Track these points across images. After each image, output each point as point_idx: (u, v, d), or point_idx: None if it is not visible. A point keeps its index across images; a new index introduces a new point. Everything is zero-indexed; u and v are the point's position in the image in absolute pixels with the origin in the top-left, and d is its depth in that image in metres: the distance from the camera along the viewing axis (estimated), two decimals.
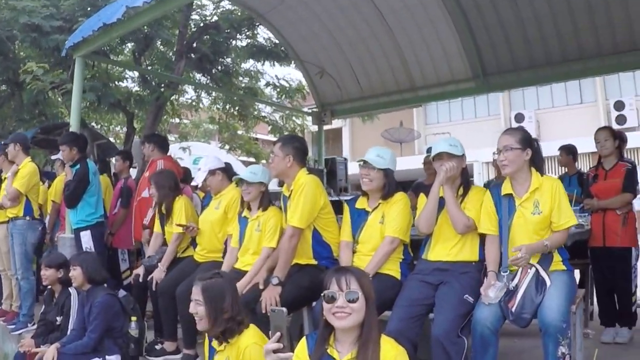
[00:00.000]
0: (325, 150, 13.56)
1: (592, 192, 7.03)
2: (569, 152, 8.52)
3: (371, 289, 3.35)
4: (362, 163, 5.30)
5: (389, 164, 5.26)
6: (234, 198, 6.64)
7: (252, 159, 17.43)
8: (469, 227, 4.84)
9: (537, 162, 4.75)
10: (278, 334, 3.55)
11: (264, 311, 4.99)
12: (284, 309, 3.61)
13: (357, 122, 19.41)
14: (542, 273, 4.42)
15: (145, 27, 11.14)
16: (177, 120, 17.39)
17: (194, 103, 15.90)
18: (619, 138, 7.05)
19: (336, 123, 27.50)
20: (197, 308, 4.09)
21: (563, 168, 8.96)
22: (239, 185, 6.13)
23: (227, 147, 17.89)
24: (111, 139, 16.30)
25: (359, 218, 5.40)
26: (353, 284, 3.27)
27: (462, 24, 9.72)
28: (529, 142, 4.68)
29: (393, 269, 5.18)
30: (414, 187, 8.15)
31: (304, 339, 3.60)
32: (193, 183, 7.41)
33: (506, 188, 4.76)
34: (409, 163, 19.50)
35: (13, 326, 8.26)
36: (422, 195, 5.24)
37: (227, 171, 6.91)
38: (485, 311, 4.38)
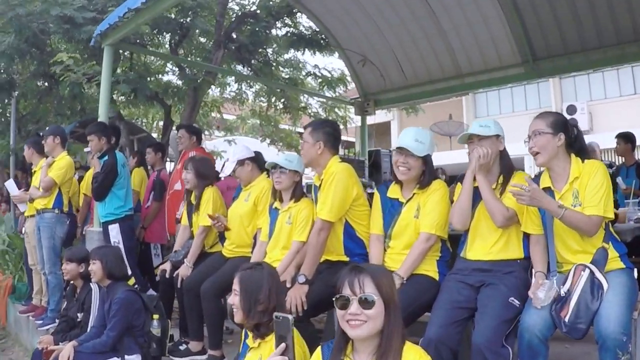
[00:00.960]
0: (373, 144, 13.17)
1: None
2: (627, 139, 7.88)
3: (393, 291, 2.90)
4: (398, 150, 4.75)
5: (429, 149, 4.70)
6: (265, 189, 6.28)
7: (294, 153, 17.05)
8: (510, 220, 4.27)
9: (578, 147, 4.19)
10: (283, 345, 3.13)
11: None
12: (290, 317, 3.16)
13: (406, 116, 19.02)
14: (598, 275, 3.80)
15: (181, 16, 10.91)
16: (218, 114, 17.05)
17: (237, 96, 15.65)
18: None
19: (384, 117, 27.19)
20: (235, 299, 3.79)
21: (620, 158, 8.41)
22: (272, 173, 5.69)
23: (267, 140, 17.59)
24: (153, 134, 16.15)
25: (392, 209, 4.86)
26: (368, 287, 2.82)
27: (509, 4, 9.25)
28: (562, 126, 4.11)
29: (430, 269, 4.65)
30: (459, 178, 7.63)
31: (319, 349, 3.20)
32: (222, 174, 7.07)
33: (545, 181, 4.21)
34: (459, 157, 18.96)
35: (41, 322, 8.05)
36: (458, 185, 4.70)
37: (257, 161, 6.54)
38: (535, 317, 3.83)
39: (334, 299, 2.88)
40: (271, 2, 11.94)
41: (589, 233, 3.91)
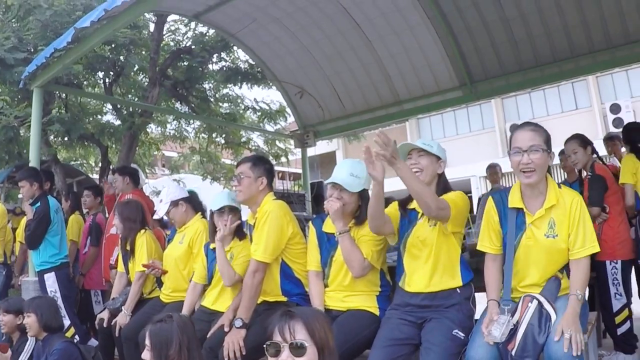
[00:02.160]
0: (319, 175, 13.08)
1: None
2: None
3: (327, 335, 2.68)
4: (331, 184, 4.61)
5: (364, 184, 4.56)
6: (199, 231, 6.12)
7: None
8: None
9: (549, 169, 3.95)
10: None
11: (226, 359, 4.45)
12: None
13: (351, 144, 19.01)
14: (546, 305, 3.66)
15: (115, 54, 10.72)
16: (157, 152, 16.80)
17: (177, 134, 15.45)
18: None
19: (329, 147, 27.19)
20: (146, 354, 3.61)
21: (563, 174, 8.37)
22: (219, 214, 5.48)
23: (209, 177, 17.39)
24: (93, 176, 15.85)
25: (329, 244, 4.73)
26: (300, 333, 2.61)
27: (443, 29, 9.29)
28: (550, 144, 3.86)
29: (370, 305, 4.52)
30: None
31: None
32: (155, 216, 6.88)
33: (515, 200, 3.95)
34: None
35: None
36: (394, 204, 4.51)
37: (192, 201, 6.37)
38: (480, 350, 3.68)
39: (264, 346, 2.68)
40: (206, 37, 11.84)
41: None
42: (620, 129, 7.15)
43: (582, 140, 6.42)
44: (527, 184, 3.85)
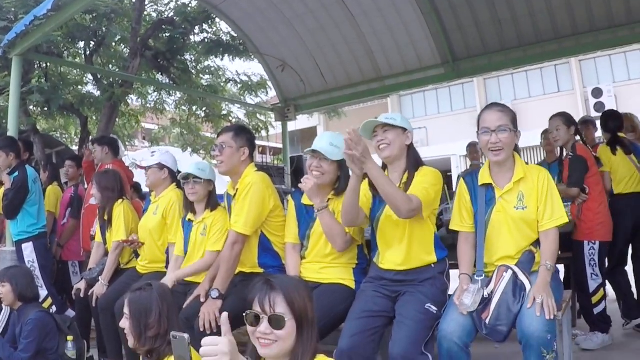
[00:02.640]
0: (300, 150, 13.05)
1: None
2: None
3: (307, 308, 2.67)
4: (310, 153, 4.60)
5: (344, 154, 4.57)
6: (172, 201, 6.08)
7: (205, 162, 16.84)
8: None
9: (517, 148, 4.12)
10: None
11: (201, 329, 4.45)
12: (186, 336, 2.95)
13: (332, 120, 18.95)
14: (521, 276, 3.73)
15: (96, 23, 10.62)
16: (137, 125, 16.69)
17: (158, 106, 15.37)
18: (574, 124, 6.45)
19: (310, 122, 27.12)
20: (125, 323, 3.60)
21: (543, 154, 8.39)
22: (185, 184, 5.48)
23: (189, 149, 17.33)
24: (73, 147, 15.74)
25: (307, 216, 4.71)
26: (280, 306, 2.61)
27: (427, 6, 9.25)
28: (516, 124, 4.00)
29: (347, 277, 4.52)
30: None
31: None
32: (140, 164, 6.80)
33: (484, 177, 4.08)
34: None
35: None
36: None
37: (174, 175, 6.29)
38: (453, 324, 3.70)
39: (244, 314, 2.68)
40: (189, 9, 11.75)
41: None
42: (601, 114, 7.15)
43: (566, 119, 6.37)
44: (496, 162, 4.01)
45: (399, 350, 3.67)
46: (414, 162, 4.24)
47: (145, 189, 7.08)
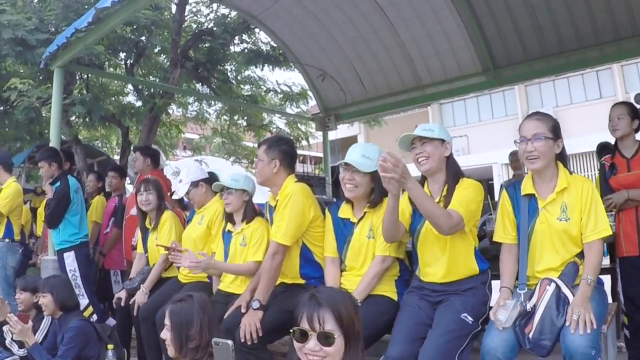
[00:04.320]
0: (340, 159, 13.01)
1: (612, 185, 5.79)
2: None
3: (354, 322, 2.62)
4: (343, 165, 4.57)
5: (377, 165, 4.49)
6: (218, 211, 6.07)
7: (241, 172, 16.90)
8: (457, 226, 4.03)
9: (564, 157, 4.02)
10: None
11: (242, 340, 4.42)
12: (230, 342, 2.94)
13: (373, 129, 18.89)
14: (564, 289, 3.64)
15: (136, 35, 10.71)
16: (178, 134, 16.80)
17: (198, 116, 15.48)
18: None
19: (350, 131, 27.08)
20: (166, 334, 3.58)
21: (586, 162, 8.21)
22: (221, 195, 5.55)
23: (232, 158, 17.41)
24: (114, 157, 15.90)
25: (345, 230, 4.68)
26: (328, 323, 2.55)
27: (467, 13, 9.17)
28: (559, 132, 3.94)
29: (388, 289, 4.47)
30: None
31: None
32: (174, 197, 6.86)
33: (527, 187, 4.01)
34: None
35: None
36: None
37: (211, 182, 6.29)
38: (496, 339, 3.64)
39: (291, 330, 2.62)
40: (228, 19, 11.77)
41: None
42: None
43: (632, 110, 5.85)
44: (532, 170, 3.99)
45: (426, 358, 3.65)
46: (454, 173, 4.20)
47: (186, 199, 7.12)
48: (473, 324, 3.86)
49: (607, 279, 5.36)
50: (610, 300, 4.18)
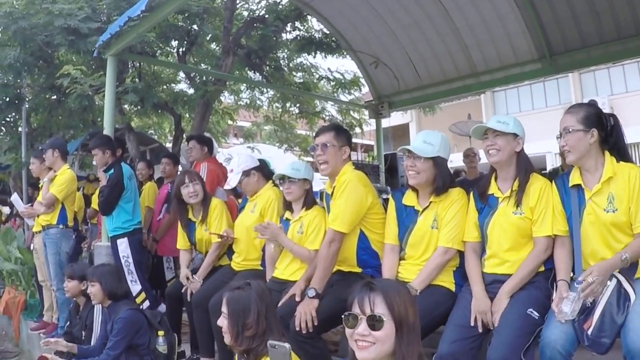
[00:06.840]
0: (392, 147, 12.93)
1: None
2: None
3: (407, 311, 2.56)
4: (406, 152, 4.46)
5: (439, 151, 4.37)
6: (271, 199, 6.01)
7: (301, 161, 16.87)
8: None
9: (613, 143, 3.86)
10: None
11: (297, 328, 4.40)
12: (287, 346, 2.87)
13: (424, 117, 18.72)
14: (625, 284, 3.52)
15: (188, 23, 10.74)
16: (231, 122, 16.86)
17: (250, 103, 15.52)
18: None
19: (402, 119, 26.95)
20: (223, 321, 3.56)
21: None
22: (281, 184, 5.48)
23: (284, 146, 17.42)
24: (166, 144, 16.01)
25: (408, 218, 4.57)
26: (379, 307, 2.50)
27: None
28: (595, 121, 3.79)
29: (447, 280, 4.38)
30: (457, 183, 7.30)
31: None
32: (226, 187, 6.81)
33: (574, 178, 3.91)
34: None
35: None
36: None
37: (263, 170, 6.28)
38: (557, 331, 3.52)
39: (343, 316, 2.60)
40: (280, 6, 11.74)
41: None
42: None
43: None
44: (570, 163, 3.98)
45: (497, 357, 3.55)
46: (525, 168, 4.13)
47: (239, 188, 7.11)
48: (539, 319, 3.75)
49: None
50: None
